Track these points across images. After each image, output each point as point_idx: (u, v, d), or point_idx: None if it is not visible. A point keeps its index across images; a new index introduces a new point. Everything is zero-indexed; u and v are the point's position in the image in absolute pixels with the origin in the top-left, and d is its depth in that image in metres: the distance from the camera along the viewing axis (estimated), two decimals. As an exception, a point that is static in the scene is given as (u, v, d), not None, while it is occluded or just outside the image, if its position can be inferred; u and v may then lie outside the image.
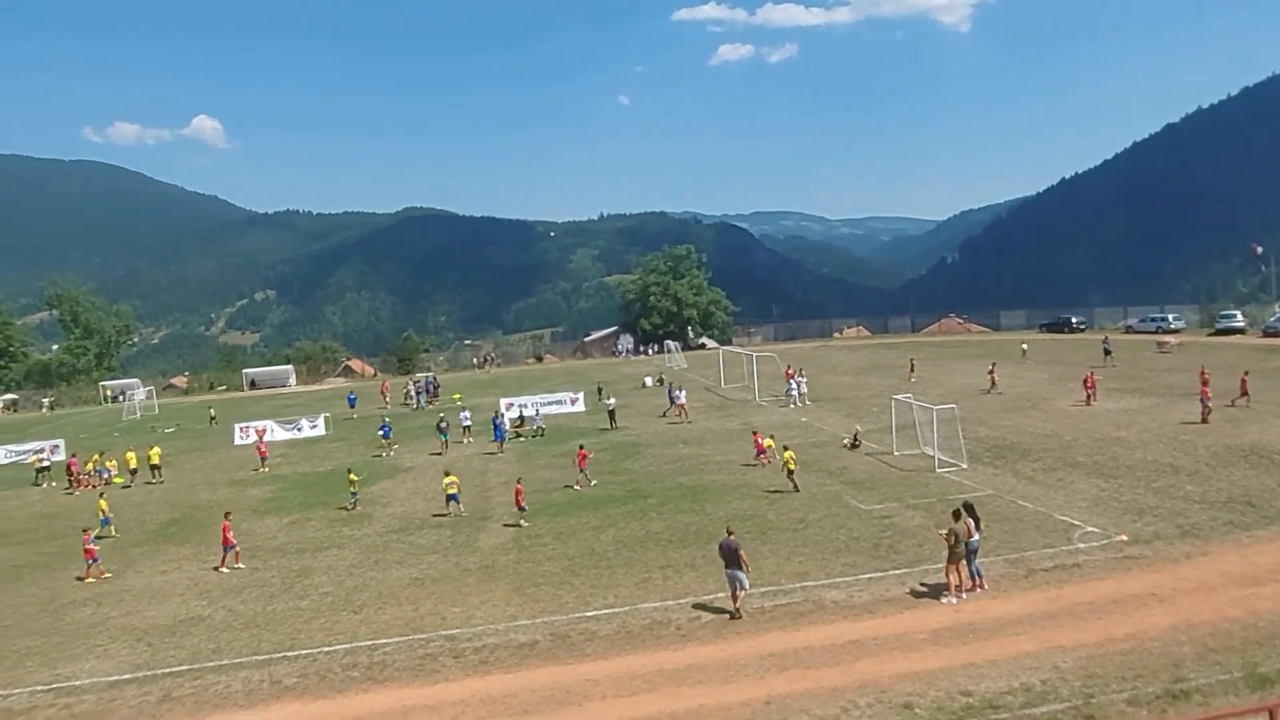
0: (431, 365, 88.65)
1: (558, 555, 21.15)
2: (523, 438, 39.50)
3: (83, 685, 15.74)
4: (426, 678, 14.95)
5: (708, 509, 24.29)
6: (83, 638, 18.11)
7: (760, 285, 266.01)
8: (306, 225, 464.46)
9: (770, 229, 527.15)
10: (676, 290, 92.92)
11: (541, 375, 73.30)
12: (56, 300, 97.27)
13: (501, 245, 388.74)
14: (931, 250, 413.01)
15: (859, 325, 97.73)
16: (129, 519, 28.89)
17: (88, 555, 22.01)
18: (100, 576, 21.94)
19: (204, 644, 17.24)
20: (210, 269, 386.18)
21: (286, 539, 24.85)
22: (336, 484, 32.27)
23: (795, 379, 44.46)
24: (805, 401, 42.89)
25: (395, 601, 18.80)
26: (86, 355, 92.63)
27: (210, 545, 24.70)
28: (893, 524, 21.54)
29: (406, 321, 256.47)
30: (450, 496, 25.60)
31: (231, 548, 22.17)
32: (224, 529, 22.18)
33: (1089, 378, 37.72)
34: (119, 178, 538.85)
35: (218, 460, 39.60)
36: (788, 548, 20.24)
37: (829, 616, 16.11)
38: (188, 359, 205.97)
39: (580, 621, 16.75)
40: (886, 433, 31.51)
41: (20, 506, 32.95)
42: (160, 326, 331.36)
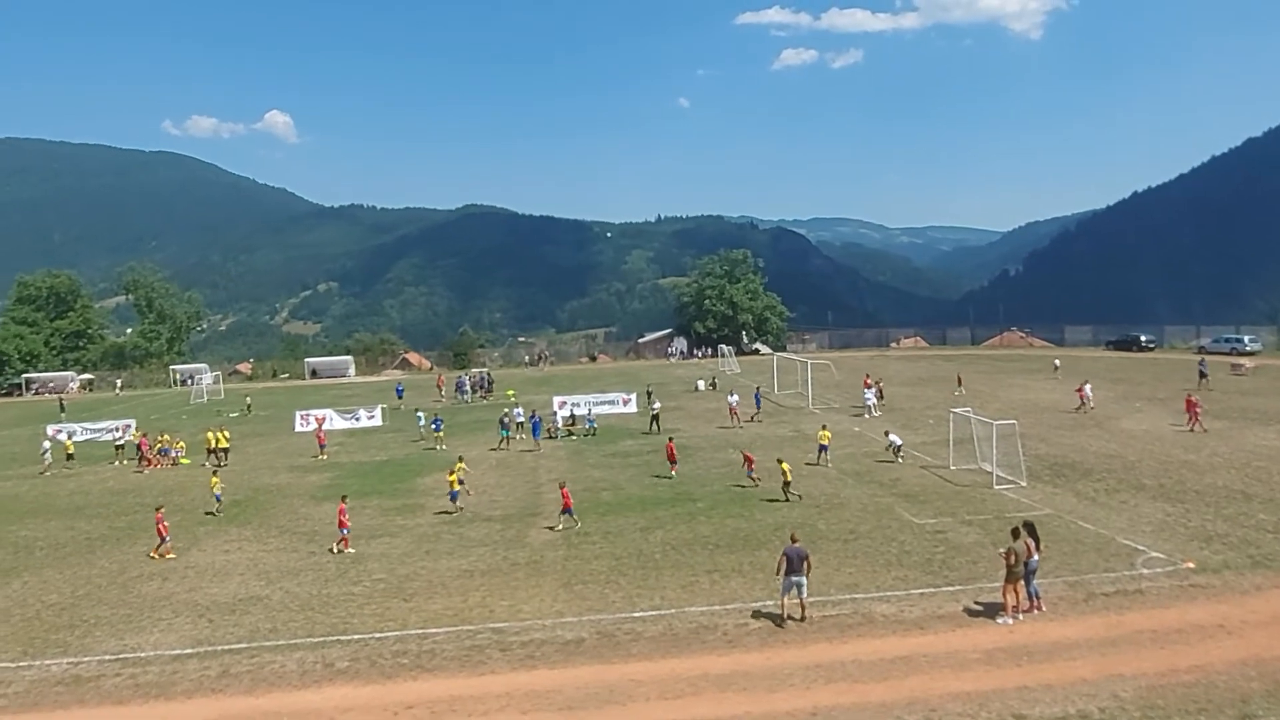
0: (486, 361, 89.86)
1: (605, 554, 21.26)
2: (574, 436, 39.78)
3: (147, 657, 16.35)
4: (473, 669, 15.16)
5: (756, 515, 24.16)
6: (149, 611, 18.80)
7: (816, 292, 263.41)
8: (370, 219, 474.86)
9: (827, 235, 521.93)
10: (732, 294, 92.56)
11: (594, 375, 73.70)
12: (133, 285, 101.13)
13: (558, 244, 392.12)
14: (994, 262, 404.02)
15: (916, 335, 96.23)
16: (195, 499, 29.91)
17: (162, 533, 22.76)
18: (165, 555, 22.70)
19: (262, 623, 17.75)
20: (277, 260, 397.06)
21: (342, 525, 25.39)
22: (391, 474, 32.98)
23: (870, 388, 43.30)
24: (875, 412, 41.47)
25: (445, 592, 19.11)
26: (159, 339, 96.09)
27: (269, 527, 25.46)
28: (946, 539, 21.15)
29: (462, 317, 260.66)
30: (452, 494, 25.93)
31: (345, 529, 22.63)
32: (340, 512, 22.77)
33: (1190, 401, 35.43)
34: (195, 169, 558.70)
35: (279, 446, 40.69)
36: (837, 558, 20.02)
37: (878, 630, 15.90)
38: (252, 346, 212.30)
39: (626, 622, 16.81)
40: (942, 445, 30.95)
41: (95, 482, 34.32)
42: (227, 314, 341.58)
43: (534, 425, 37.56)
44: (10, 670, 16.02)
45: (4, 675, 15.80)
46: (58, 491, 32.78)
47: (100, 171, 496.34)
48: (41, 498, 31.74)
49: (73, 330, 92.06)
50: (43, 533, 26.29)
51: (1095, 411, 39.24)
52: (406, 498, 28.64)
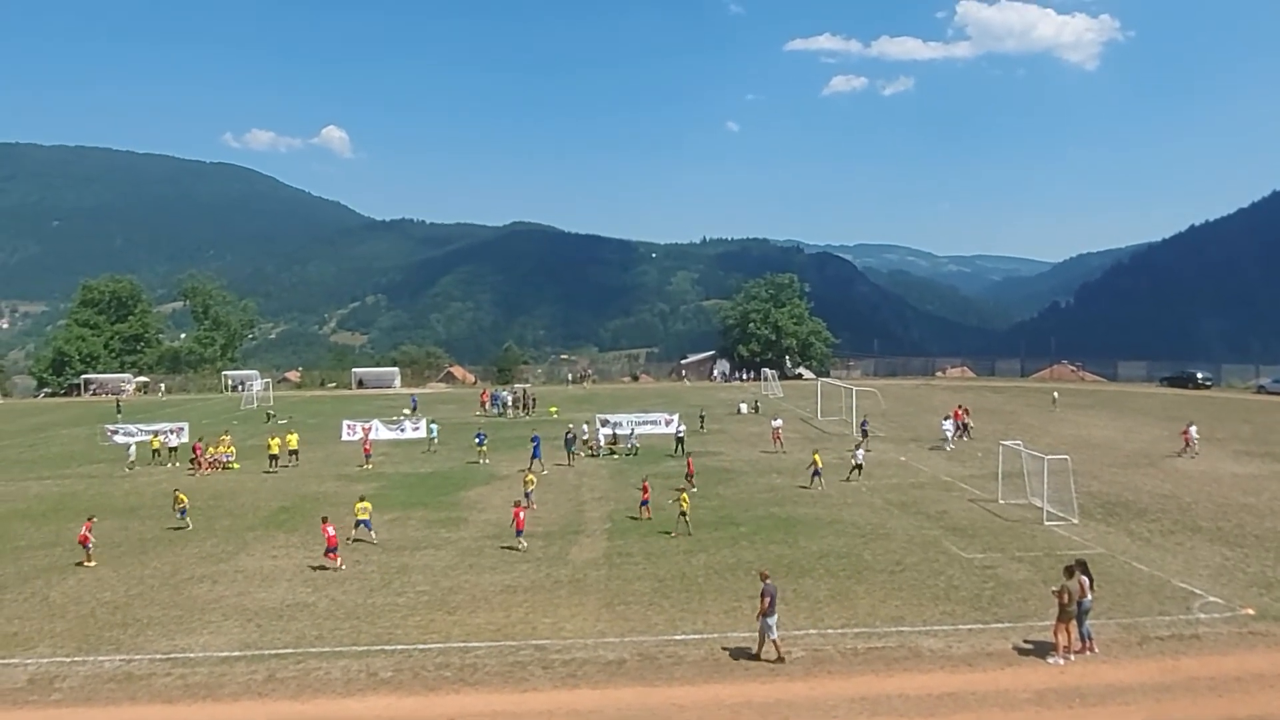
0: (529, 378, 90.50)
1: (647, 575, 21.21)
2: (616, 455, 39.84)
3: (196, 658, 16.68)
4: (515, 685, 15.20)
5: (800, 542, 23.92)
6: (199, 613, 19.20)
7: (861, 319, 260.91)
8: (419, 233, 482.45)
9: (874, 262, 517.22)
10: (777, 318, 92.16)
11: (636, 394, 73.78)
12: (191, 292, 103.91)
13: (603, 263, 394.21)
14: (1044, 293, 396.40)
15: (963, 365, 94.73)
16: (244, 504, 30.55)
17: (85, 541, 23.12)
18: None
19: (308, 630, 18.02)
20: (329, 271, 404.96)
21: (387, 535, 25.72)
22: (436, 486, 33.33)
23: (956, 420, 41.38)
24: (951, 445, 39.56)
25: (488, 606, 19.22)
26: (213, 345, 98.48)
27: (316, 535, 25.72)
28: (995, 575, 20.72)
29: (506, 333, 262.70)
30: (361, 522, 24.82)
31: (335, 547, 22.58)
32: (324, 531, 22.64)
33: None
34: (254, 181, 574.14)
35: (326, 454, 41.35)
36: (883, 590, 19.72)
37: (925, 665, 15.61)
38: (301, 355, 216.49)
39: (668, 645, 16.74)
40: (991, 479, 30.39)
41: (149, 484, 35.20)
42: (278, 322, 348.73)
43: (534, 445, 36.79)
44: (66, 665, 16.46)
45: (60, 670, 16.24)
46: (113, 492, 33.69)
47: (163, 180, 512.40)
48: (98, 497, 32.63)
49: (132, 334, 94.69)
50: (99, 532, 26.87)
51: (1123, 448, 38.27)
52: (450, 510, 28.91)
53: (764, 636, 15.94)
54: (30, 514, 29.85)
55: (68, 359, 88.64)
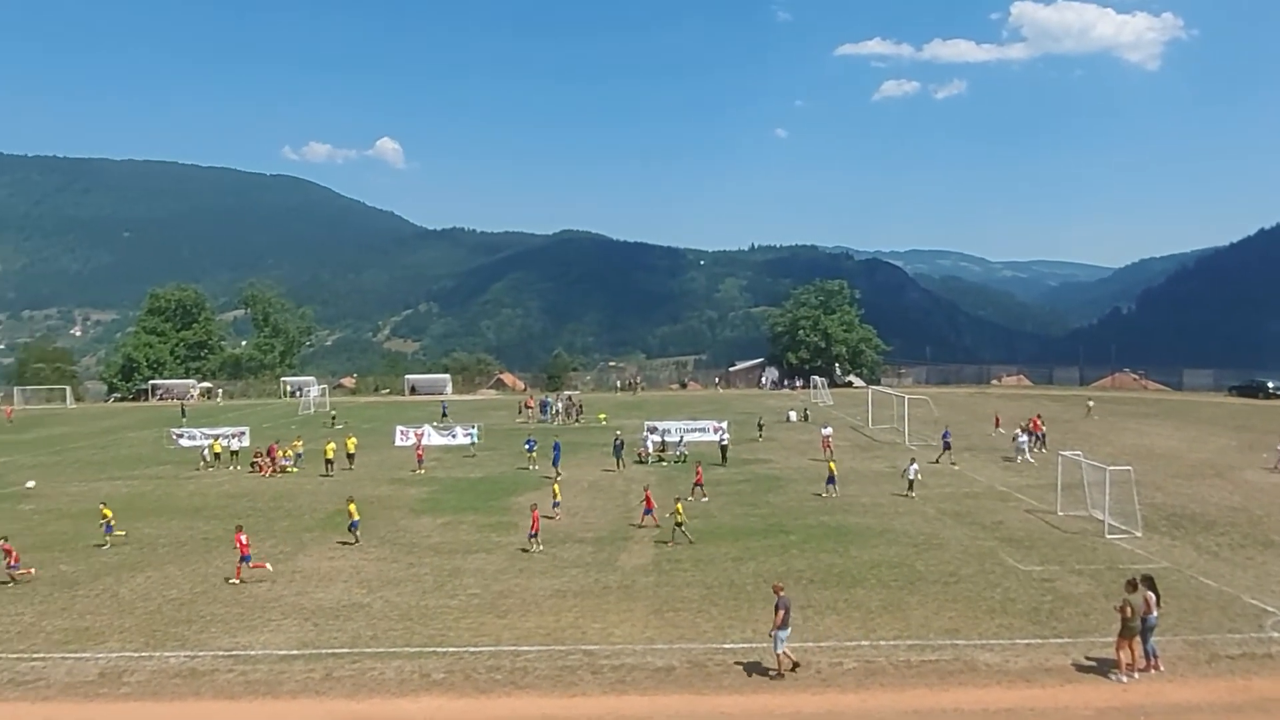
0: (578, 385, 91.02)
1: (696, 583, 21.16)
2: (665, 462, 39.85)
3: (257, 655, 17.13)
4: (565, 689, 15.30)
5: (851, 552, 23.65)
6: (259, 611, 19.72)
7: (912, 326, 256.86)
8: (470, 242, 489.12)
9: (925, 268, 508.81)
10: (826, 325, 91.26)
11: (685, 401, 73.71)
12: (251, 300, 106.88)
13: (651, 270, 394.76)
14: (1104, 299, 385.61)
15: (1020, 373, 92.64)
16: (302, 506, 31.31)
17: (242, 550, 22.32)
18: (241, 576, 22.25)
19: (363, 630, 18.37)
20: (383, 280, 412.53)
21: (440, 539, 26.12)
22: (486, 491, 33.72)
23: (1026, 431, 39.67)
24: (1028, 457, 37.86)
25: (538, 610, 19.37)
26: (272, 352, 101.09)
27: (370, 537, 26.34)
28: (1054, 588, 20.21)
29: (555, 339, 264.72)
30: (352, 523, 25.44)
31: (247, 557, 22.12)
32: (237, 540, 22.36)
33: None
34: (311, 192, 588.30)
35: (381, 459, 42.11)
36: (936, 601, 19.39)
37: (981, 679, 15.30)
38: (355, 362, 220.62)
39: (717, 653, 16.68)
40: (1049, 489, 29.69)
41: (212, 485, 36.29)
42: (334, 330, 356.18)
43: (555, 450, 37.30)
44: (134, 660, 17.04)
45: (129, 664, 16.81)
46: (178, 493, 34.78)
47: (225, 192, 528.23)
48: (164, 498, 33.73)
49: (196, 341, 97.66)
50: (165, 531, 27.92)
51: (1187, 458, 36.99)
52: (501, 515, 29.21)
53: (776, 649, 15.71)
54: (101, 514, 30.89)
55: (136, 365, 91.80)
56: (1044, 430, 41.84)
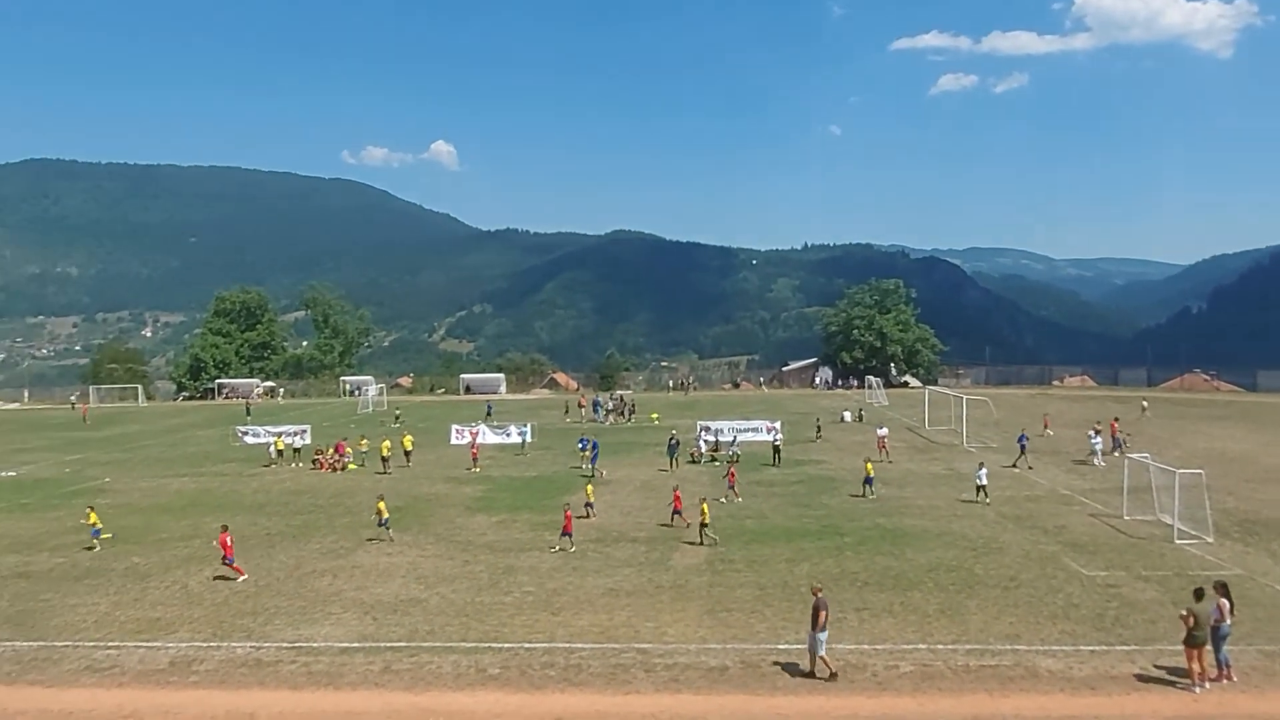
0: (631, 384, 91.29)
1: (750, 583, 21.07)
2: (717, 462, 39.74)
3: (319, 647, 17.57)
4: (619, 687, 15.37)
5: (908, 554, 23.28)
6: (321, 605, 20.22)
7: (971, 325, 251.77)
8: (524, 243, 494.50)
9: (985, 266, 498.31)
10: (881, 325, 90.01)
11: (738, 402, 73.39)
12: (312, 302, 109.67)
13: (703, 270, 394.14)
14: (1173, 298, 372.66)
15: (1084, 374, 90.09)
16: (361, 503, 31.96)
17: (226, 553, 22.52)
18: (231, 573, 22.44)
19: (420, 625, 18.71)
20: (439, 281, 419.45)
21: (494, 537, 26.46)
22: (540, 490, 34.02)
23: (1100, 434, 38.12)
24: (1100, 461, 36.50)
25: (591, 609, 19.49)
26: (332, 352, 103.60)
27: (427, 534, 26.82)
28: (1120, 594, 19.63)
29: (608, 339, 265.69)
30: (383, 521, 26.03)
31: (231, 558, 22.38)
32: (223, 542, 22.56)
33: None
34: (369, 195, 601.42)
35: (436, 457, 42.79)
36: (996, 606, 18.98)
37: (1042, 686, 14.94)
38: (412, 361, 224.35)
39: (771, 653, 16.58)
40: (1115, 493, 28.83)
41: (275, 482, 37.33)
42: (390, 330, 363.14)
43: (593, 449, 38.01)
44: (202, 649, 17.62)
45: (198, 654, 17.39)
46: (243, 489, 35.84)
47: (287, 196, 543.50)
48: (230, 494, 34.79)
49: (260, 341, 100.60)
50: (231, 526, 28.70)
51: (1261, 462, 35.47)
52: (554, 514, 29.26)
53: (814, 652, 15.52)
54: (171, 508, 32.09)
55: (203, 365, 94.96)
56: (1122, 435, 40.07)
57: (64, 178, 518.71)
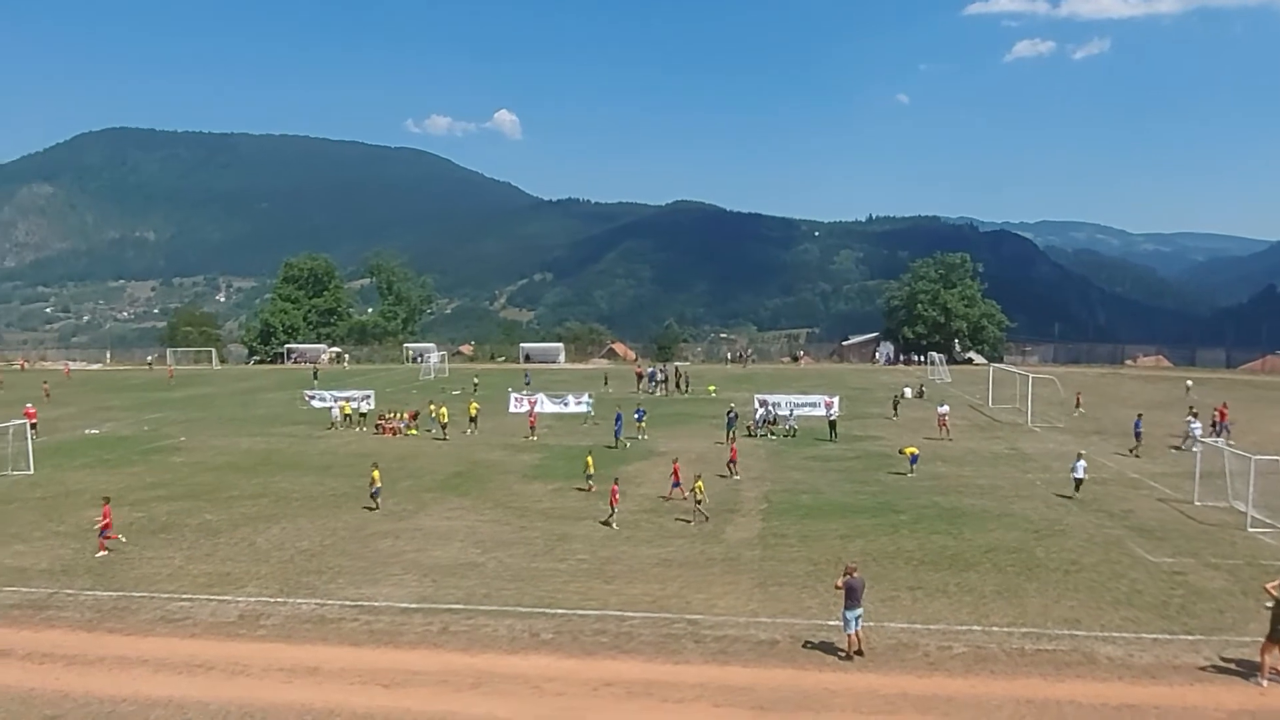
0: (689, 355, 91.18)
1: (802, 558, 21.03)
2: (774, 436, 39.57)
3: (379, 607, 18.14)
4: (669, 656, 15.54)
5: (966, 535, 22.92)
6: (382, 565, 20.85)
7: (1040, 301, 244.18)
8: (585, 212, 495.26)
9: (1057, 240, 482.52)
10: (946, 300, 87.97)
11: (796, 375, 72.76)
12: (376, 269, 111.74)
13: (764, 242, 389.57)
14: (1258, 275, 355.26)
15: (1158, 354, 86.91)
16: (423, 467, 32.78)
17: None
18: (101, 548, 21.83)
19: (477, 588, 19.17)
20: (500, 249, 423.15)
21: (550, 504, 26.87)
22: (596, 459, 34.17)
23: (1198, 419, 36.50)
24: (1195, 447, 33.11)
25: (643, 578, 19.70)
26: (395, 319, 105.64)
27: (485, 500, 27.37)
28: (1186, 582, 19.03)
29: (667, 310, 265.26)
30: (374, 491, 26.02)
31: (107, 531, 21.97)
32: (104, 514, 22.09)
33: None
34: (432, 164, 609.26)
35: (494, 424, 43.46)
36: (1056, 589, 18.60)
37: (1100, 673, 14.63)
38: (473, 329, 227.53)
39: (821, 629, 16.55)
40: (1186, 478, 27.85)
41: (340, 445, 38.46)
42: (452, 298, 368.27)
43: (617, 420, 38.16)
44: (270, 604, 18.35)
45: (265, 608, 18.12)
46: (309, 451, 37.00)
47: (353, 165, 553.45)
48: (297, 455, 35.96)
49: (326, 308, 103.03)
50: (298, 486, 29.80)
51: None
52: (609, 483, 29.62)
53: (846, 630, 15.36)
54: (241, 467, 33.35)
55: (273, 330, 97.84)
56: (1229, 421, 38.20)
57: (142, 146, 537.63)
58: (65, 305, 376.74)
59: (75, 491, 29.10)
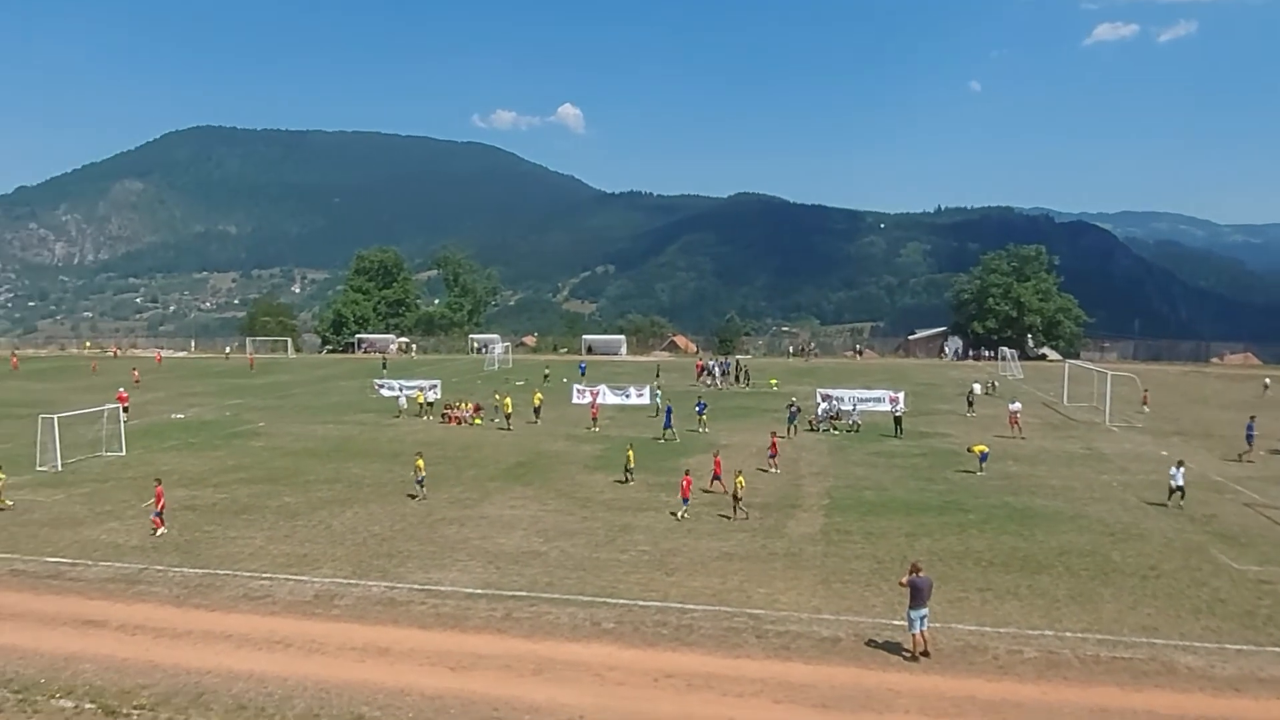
0: (750, 349, 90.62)
1: (866, 555, 20.78)
2: (836, 431, 39.11)
3: (446, 591, 18.58)
4: (729, 650, 15.56)
5: (1038, 536, 22.33)
6: (449, 551, 21.34)
7: (1119, 295, 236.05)
8: (647, 205, 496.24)
9: (1138, 232, 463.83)
10: (1019, 294, 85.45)
11: (860, 370, 71.69)
12: (443, 261, 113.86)
13: (827, 234, 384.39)
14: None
15: (1247, 351, 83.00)
16: (487, 456, 33.35)
17: None
18: None
19: (540, 576, 19.46)
20: (564, 241, 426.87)
21: (612, 495, 27.08)
22: (657, 451, 34.44)
23: None
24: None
25: (705, 571, 19.73)
26: (461, 310, 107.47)
27: (548, 489, 27.71)
28: (1274, 591, 18.22)
29: (728, 303, 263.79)
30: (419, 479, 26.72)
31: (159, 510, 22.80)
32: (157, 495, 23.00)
33: None
34: (498, 158, 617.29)
35: (557, 415, 43.94)
36: (1133, 595, 18.00)
37: (1180, 683, 14.13)
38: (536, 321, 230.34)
39: (886, 628, 16.35)
40: (1273, 483, 26.65)
41: (408, 432, 39.37)
42: (516, 290, 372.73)
43: (667, 412, 38.68)
44: (343, 586, 18.96)
45: (339, 589, 18.73)
46: (379, 438, 37.97)
47: (421, 159, 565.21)
48: (368, 442, 36.94)
49: (395, 299, 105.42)
50: (369, 472, 30.65)
51: None
52: (671, 475, 29.69)
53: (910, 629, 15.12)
54: (316, 453, 34.43)
55: (344, 320, 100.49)
56: None
57: (225, 143, 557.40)
58: (154, 296, 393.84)
59: (164, 473, 30.34)
